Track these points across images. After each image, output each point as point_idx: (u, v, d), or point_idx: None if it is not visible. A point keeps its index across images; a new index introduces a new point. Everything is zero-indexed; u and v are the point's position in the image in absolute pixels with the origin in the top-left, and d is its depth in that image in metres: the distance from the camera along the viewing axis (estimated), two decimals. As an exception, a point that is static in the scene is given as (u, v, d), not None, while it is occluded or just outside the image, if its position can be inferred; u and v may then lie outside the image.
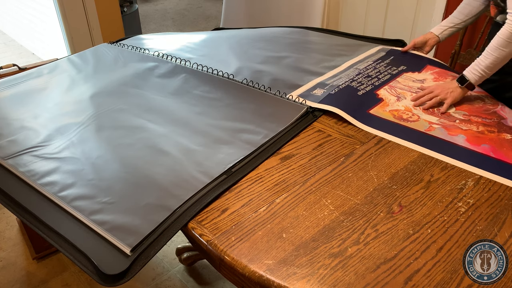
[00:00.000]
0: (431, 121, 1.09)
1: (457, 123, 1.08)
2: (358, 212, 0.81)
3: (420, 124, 1.08)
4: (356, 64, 1.38)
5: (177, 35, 1.79)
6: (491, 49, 1.12)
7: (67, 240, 0.77)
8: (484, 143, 0.99)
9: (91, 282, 1.55)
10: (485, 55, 1.13)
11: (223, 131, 1.05)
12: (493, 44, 1.11)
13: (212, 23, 4.24)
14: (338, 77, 1.29)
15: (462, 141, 1.00)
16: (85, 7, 2.33)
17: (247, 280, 0.71)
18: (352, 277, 0.68)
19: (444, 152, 0.97)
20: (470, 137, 1.02)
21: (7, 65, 1.66)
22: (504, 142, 0.99)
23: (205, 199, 0.84)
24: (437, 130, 1.05)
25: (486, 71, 1.13)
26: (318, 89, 1.22)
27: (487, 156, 0.95)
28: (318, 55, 1.47)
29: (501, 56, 1.11)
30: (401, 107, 1.15)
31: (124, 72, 1.38)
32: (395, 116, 1.11)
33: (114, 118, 1.12)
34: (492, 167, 0.92)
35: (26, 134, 1.07)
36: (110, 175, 0.92)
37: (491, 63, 1.12)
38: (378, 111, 1.13)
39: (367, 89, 1.22)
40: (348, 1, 2.55)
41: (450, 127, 1.06)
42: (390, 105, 1.16)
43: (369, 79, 1.28)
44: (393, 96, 1.20)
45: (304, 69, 1.36)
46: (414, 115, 1.12)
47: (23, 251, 1.68)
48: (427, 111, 1.13)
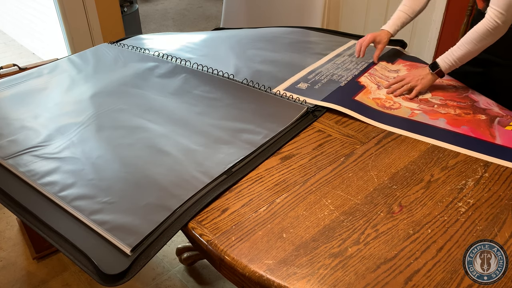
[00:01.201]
0: (412, 108, 1.15)
1: (435, 107, 1.14)
2: (358, 212, 0.81)
3: (402, 111, 1.14)
4: (333, 59, 1.45)
5: (177, 35, 1.79)
6: (465, 41, 1.16)
7: (67, 240, 0.77)
8: (463, 125, 1.06)
9: (91, 282, 1.55)
10: (459, 45, 1.17)
11: (223, 131, 1.05)
12: (468, 37, 1.15)
13: (212, 23, 4.24)
14: (318, 72, 1.35)
15: (443, 124, 1.07)
16: (85, 7, 2.33)
17: (247, 280, 0.71)
18: (352, 277, 0.68)
19: (429, 135, 1.03)
20: (449, 120, 1.09)
21: (7, 65, 1.66)
22: (480, 122, 1.07)
23: (205, 199, 0.84)
24: (419, 115, 1.11)
25: (457, 61, 1.18)
26: (302, 83, 1.28)
27: (468, 136, 1.02)
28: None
29: (474, 49, 1.15)
30: (382, 95, 1.22)
31: (124, 72, 1.38)
32: (378, 104, 1.17)
33: (114, 118, 1.12)
34: (473, 145, 0.99)
35: (26, 134, 1.07)
36: (110, 175, 0.92)
37: (463, 55, 1.16)
38: (362, 97, 1.19)
39: (348, 79, 1.29)
40: (348, 1, 2.55)
41: (430, 112, 1.12)
42: (372, 92, 1.22)
43: (348, 71, 1.35)
44: (374, 84, 1.27)
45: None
46: (396, 103, 1.18)
47: (23, 251, 1.68)
48: (406, 98, 1.19)
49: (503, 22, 1.08)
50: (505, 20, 1.08)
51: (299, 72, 1.35)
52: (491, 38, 1.12)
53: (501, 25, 1.09)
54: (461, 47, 1.16)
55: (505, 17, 1.07)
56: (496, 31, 1.10)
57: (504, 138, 1.01)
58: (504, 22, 1.08)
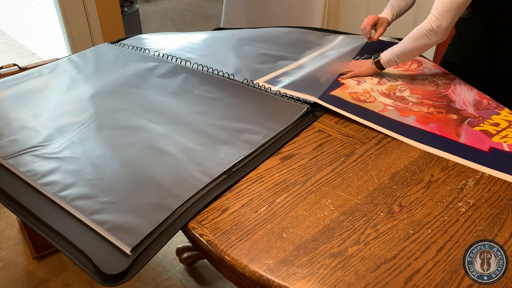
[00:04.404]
0: (386, 103, 1.17)
1: (410, 105, 1.16)
2: (359, 212, 0.81)
3: (375, 105, 1.16)
4: (321, 55, 1.46)
5: (177, 35, 1.79)
6: (405, 39, 1.22)
7: (68, 239, 0.77)
8: (432, 123, 1.08)
9: (91, 282, 1.55)
10: (400, 42, 1.24)
11: (223, 131, 1.05)
12: (407, 36, 1.21)
13: (212, 23, 4.24)
14: (302, 67, 1.37)
15: (412, 121, 1.09)
16: (85, 7, 2.33)
17: (247, 280, 0.71)
18: (352, 277, 0.68)
19: (395, 130, 1.05)
20: (419, 117, 1.10)
21: (8, 65, 1.66)
22: (450, 121, 1.08)
23: (206, 199, 0.84)
24: (390, 111, 1.13)
25: (395, 57, 1.24)
26: (283, 76, 1.31)
27: (433, 133, 1.04)
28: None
29: (409, 47, 1.21)
30: (360, 90, 1.24)
31: (124, 72, 1.38)
32: (354, 98, 1.19)
33: (115, 118, 1.12)
34: (435, 143, 1.00)
35: (26, 133, 1.07)
36: (110, 175, 0.92)
37: (400, 51, 1.23)
38: (339, 92, 1.22)
39: (329, 76, 1.31)
40: (348, 1, 2.55)
41: (402, 109, 1.14)
42: (350, 88, 1.25)
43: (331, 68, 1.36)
44: (354, 80, 1.29)
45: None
46: (371, 97, 1.20)
47: (24, 250, 1.68)
48: (383, 94, 1.22)
49: (437, 26, 1.13)
50: (439, 25, 1.13)
51: (285, 66, 1.38)
52: (426, 39, 1.17)
53: (435, 29, 1.14)
54: (400, 43, 1.23)
55: (440, 22, 1.13)
56: (430, 34, 1.15)
57: (468, 137, 1.01)
58: (438, 26, 1.13)
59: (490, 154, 0.96)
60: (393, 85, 1.26)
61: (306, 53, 1.48)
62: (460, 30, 1.35)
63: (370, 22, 1.39)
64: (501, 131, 1.03)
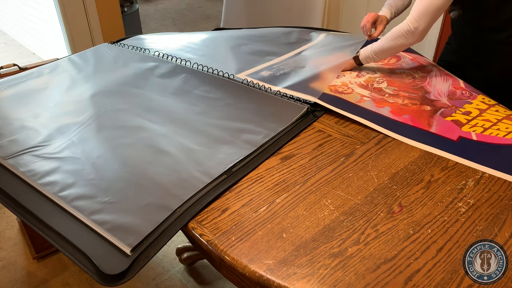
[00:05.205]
0: (363, 94, 1.21)
1: (386, 97, 1.20)
2: (358, 212, 0.81)
3: (352, 96, 1.19)
4: (304, 51, 1.49)
5: (177, 35, 1.79)
6: (384, 37, 1.26)
7: (67, 240, 0.77)
8: (405, 114, 1.11)
9: (91, 282, 1.55)
10: (379, 39, 1.27)
11: (223, 131, 1.05)
12: (387, 34, 1.25)
13: (212, 23, 4.25)
14: (285, 63, 1.40)
15: (386, 112, 1.12)
16: (85, 7, 2.33)
17: (247, 280, 0.71)
18: (352, 277, 0.68)
19: (369, 119, 1.08)
20: (394, 109, 1.14)
21: (8, 65, 1.66)
22: (423, 112, 1.12)
23: (206, 199, 0.84)
24: (366, 102, 1.17)
25: (373, 54, 1.28)
26: (265, 71, 1.34)
27: (405, 124, 1.07)
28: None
29: (386, 46, 1.25)
30: (339, 82, 1.27)
31: (124, 72, 1.38)
32: (332, 90, 1.22)
33: (115, 118, 1.12)
34: (407, 133, 1.04)
35: (26, 133, 1.07)
36: (110, 175, 0.92)
37: (378, 49, 1.27)
38: (317, 85, 1.24)
39: (310, 71, 1.34)
40: (348, 1, 2.56)
41: (378, 100, 1.18)
42: (329, 81, 1.28)
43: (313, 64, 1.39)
44: (333, 73, 1.32)
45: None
46: (349, 88, 1.24)
47: (24, 250, 1.68)
48: (361, 86, 1.25)
49: (414, 28, 1.17)
50: (416, 27, 1.17)
51: (269, 61, 1.42)
52: (403, 40, 1.21)
53: (412, 30, 1.18)
54: (379, 41, 1.27)
55: (418, 24, 1.16)
56: (407, 35, 1.19)
57: (439, 127, 1.05)
58: (415, 28, 1.17)
59: (458, 143, 1.00)
60: (371, 77, 1.31)
61: (292, 48, 1.51)
62: (455, 29, 1.36)
63: (370, 19, 1.39)
64: (472, 120, 1.07)
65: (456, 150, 0.97)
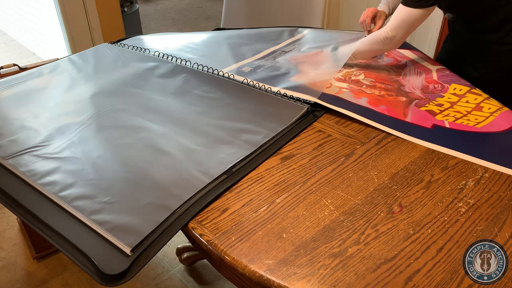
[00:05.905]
0: (341, 87, 1.25)
1: (363, 88, 1.24)
2: (359, 212, 0.81)
3: (331, 89, 1.24)
4: (283, 47, 1.54)
5: (177, 35, 1.79)
6: (363, 39, 1.31)
7: (68, 240, 0.77)
8: (382, 104, 1.16)
9: (91, 282, 1.55)
10: (359, 41, 1.32)
11: (223, 131, 1.05)
12: (367, 37, 1.30)
13: (212, 23, 4.25)
14: (266, 58, 1.44)
15: (364, 102, 1.17)
16: (85, 7, 2.33)
17: (247, 280, 0.71)
18: (352, 277, 0.68)
19: (348, 109, 1.12)
20: (371, 99, 1.18)
21: (8, 65, 1.66)
22: (399, 103, 1.17)
23: (206, 199, 0.84)
24: (345, 93, 1.21)
25: (352, 55, 1.33)
26: (245, 67, 1.38)
27: (382, 114, 1.12)
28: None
29: (364, 49, 1.30)
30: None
31: (124, 72, 1.38)
32: (310, 84, 1.25)
33: (115, 118, 1.12)
34: (384, 121, 1.08)
35: (26, 134, 1.07)
36: (110, 175, 0.92)
37: (357, 51, 1.32)
38: (296, 79, 1.29)
39: (290, 66, 1.38)
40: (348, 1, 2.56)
41: (356, 91, 1.22)
42: (307, 75, 1.31)
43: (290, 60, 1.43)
44: (312, 69, 1.36)
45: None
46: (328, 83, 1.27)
47: (24, 250, 1.68)
48: (339, 80, 1.29)
49: (392, 36, 1.21)
50: (394, 36, 1.21)
51: (250, 57, 1.45)
52: (380, 45, 1.26)
53: (390, 37, 1.22)
54: (358, 42, 1.31)
55: (396, 32, 1.20)
56: (385, 41, 1.24)
57: (414, 116, 1.10)
58: (393, 36, 1.21)
59: (433, 130, 1.05)
60: (349, 71, 1.35)
61: (274, 43, 1.56)
62: (451, 29, 1.37)
63: (369, 14, 1.40)
64: (444, 111, 1.13)
65: (430, 137, 1.02)
